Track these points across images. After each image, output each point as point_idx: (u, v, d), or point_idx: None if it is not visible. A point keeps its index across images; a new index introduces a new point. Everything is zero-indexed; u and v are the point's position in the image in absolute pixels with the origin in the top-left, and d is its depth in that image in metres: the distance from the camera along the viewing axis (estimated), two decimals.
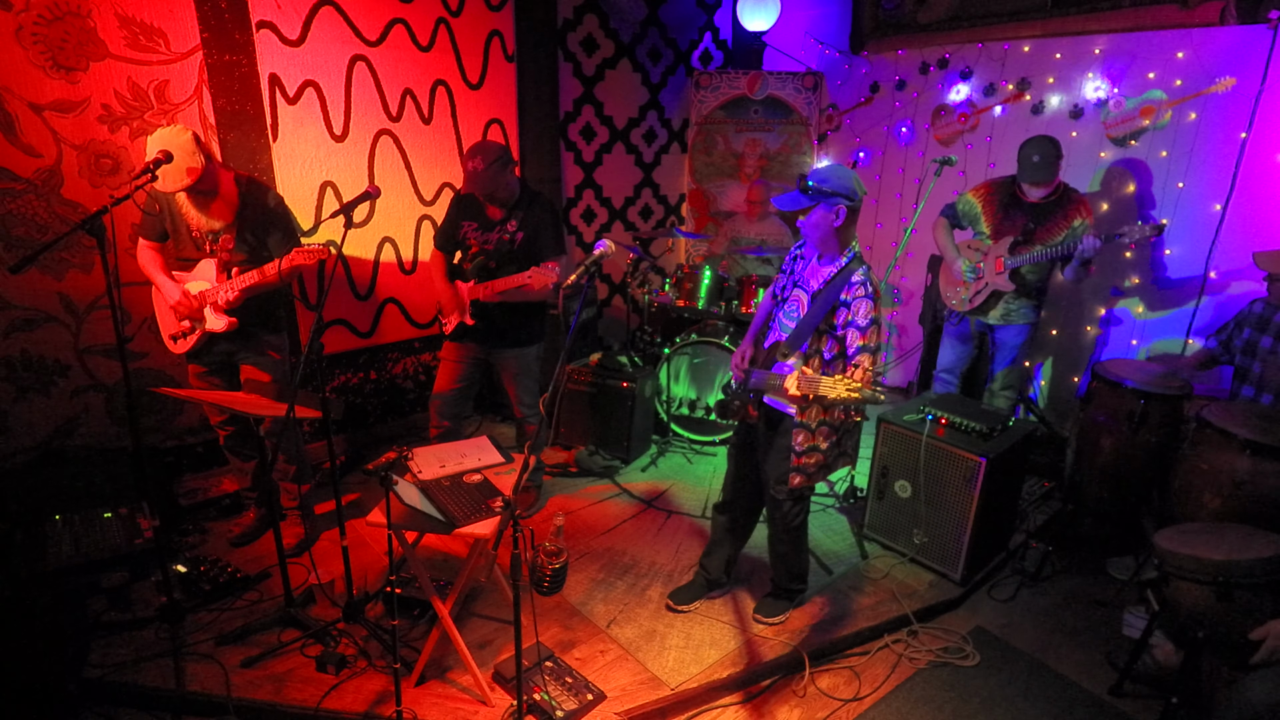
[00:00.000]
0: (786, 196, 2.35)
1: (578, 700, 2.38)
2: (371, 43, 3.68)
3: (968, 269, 3.53)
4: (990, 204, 3.48)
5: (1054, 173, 3.27)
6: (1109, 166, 3.84)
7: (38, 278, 3.01)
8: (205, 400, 2.60)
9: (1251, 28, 3.34)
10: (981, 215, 3.50)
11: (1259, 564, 2.09)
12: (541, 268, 2.85)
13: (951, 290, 3.64)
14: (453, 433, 3.34)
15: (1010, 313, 3.50)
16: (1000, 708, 2.49)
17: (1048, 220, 3.32)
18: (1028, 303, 3.49)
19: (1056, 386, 4.19)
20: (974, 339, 3.71)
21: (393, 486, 2.09)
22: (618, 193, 5.21)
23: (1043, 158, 3.25)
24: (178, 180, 2.54)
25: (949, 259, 3.62)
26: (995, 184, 3.50)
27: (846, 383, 2.04)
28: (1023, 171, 3.33)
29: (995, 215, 3.46)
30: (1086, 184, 3.90)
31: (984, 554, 3.14)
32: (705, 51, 5.32)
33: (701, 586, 2.91)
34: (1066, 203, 3.31)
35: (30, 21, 2.81)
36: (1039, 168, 3.26)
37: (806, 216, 2.33)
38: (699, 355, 4.18)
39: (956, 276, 3.58)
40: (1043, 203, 3.35)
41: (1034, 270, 3.40)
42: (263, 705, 2.35)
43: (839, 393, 2.04)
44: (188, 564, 2.90)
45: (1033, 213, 3.36)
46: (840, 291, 2.31)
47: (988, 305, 3.52)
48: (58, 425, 3.17)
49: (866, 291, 2.28)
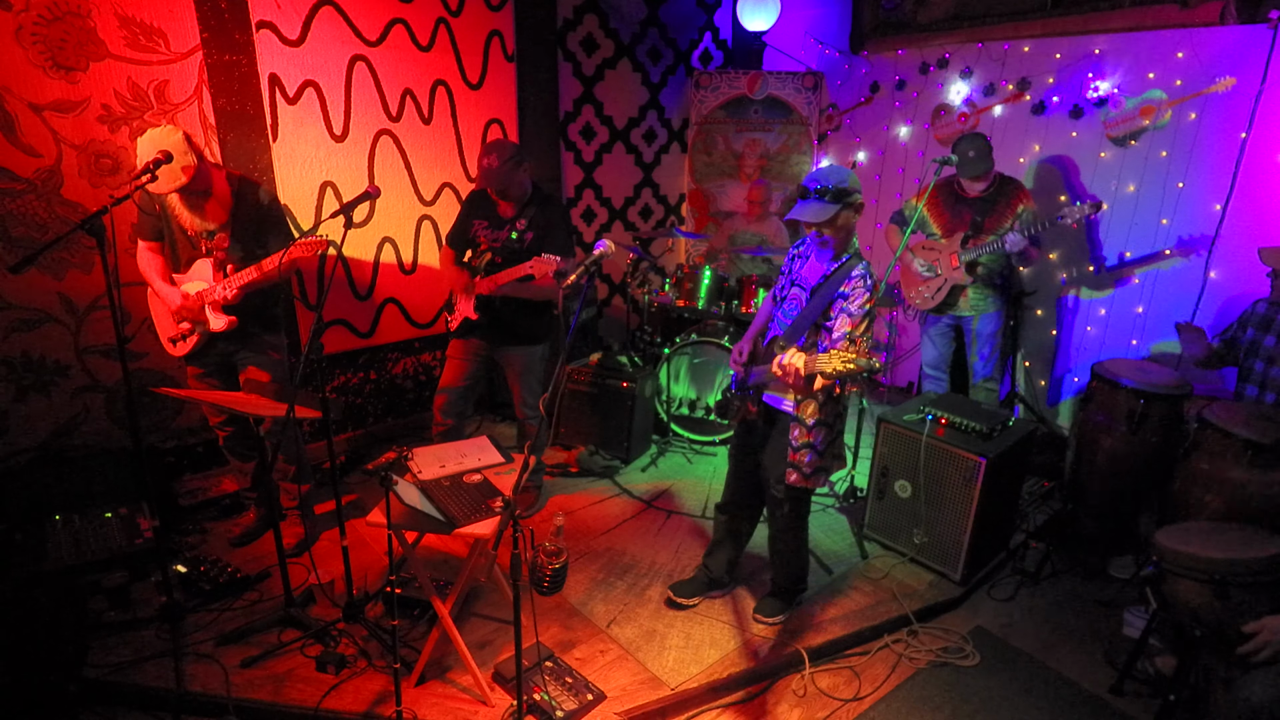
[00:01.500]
0: (812, 207, 2.29)
1: (578, 700, 2.38)
2: (371, 43, 3.68)
3: (925, 268, 3.72)
4: (935, 205, 3.69)
5: (990, 164, 3.48)
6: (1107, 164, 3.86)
7: (38, 278, 3.01)
8: (205, 400, 2.60)
9: (1251, 27, 3.34)
10: (929, 217, 3.71)
11: (1256, 563, 2.09)
12: (541, 257, 2.87)
13: (914, 291, 3.82)
14: (455, 431, 3.34)
15: (978, 304, 3.67)
16: (1000, 708, 2.49)
17: (992, 211, 3.53)
18: (991, 293, 3.67)
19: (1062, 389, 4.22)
20: (950, 331, 3.88)
21: (393, 486, 2.10)
22: (618, 193, 5.21)
23: (977, 152, 3.48)
24: (173, 180, 2.55)
25: (904, 260, 3.81)
26: (936, 186, 3.68)
27: (842, 355, 2.05)
28: (963, 168, 3.51)
29: (943, 214, 3.67)
30: (1088, 184, 3.90)
31: (984, 554, 3.14)
32: (705, 51, 5.32)
33: (703, 584, 2.92)
34: (1008, 192, 3.54)
35: (30, 21, 2.81)
36: (975, 161, 3.48)
37: (836, 221, 2.32)
38: (699, 355, 4.18)
39: (915, 276, 3.77)
40: (984, 195, 3.57)
41: (990, 261, 3.57)
42: (263, 705, 2.35)
43: (835, 365, 2.04)
44: (188, 564, 2.90)
45: (977, 206, 3.56)
46: (840, 285, 2.32)
47: (950, 301, 3.70)
48: (58, 425, 3.17)
49: (866, 284, 2.30)
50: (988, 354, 3.76)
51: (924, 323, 3.96)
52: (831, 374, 2.08)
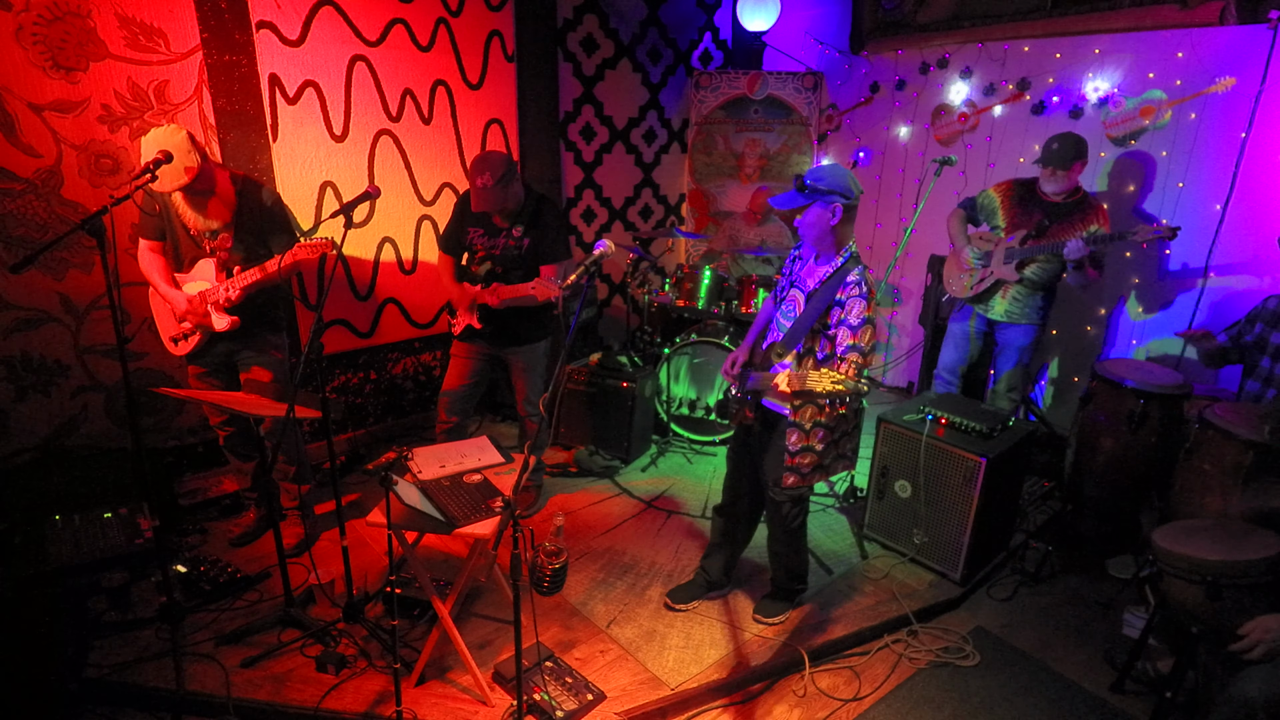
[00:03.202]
0: (784, 195, 2.36)
1: (578, 700, 2.38)
2: (371, 43, 3.68)
3: (975, 256, 3.57)
4: (1008, 199, 3.52)
5: (1069, 160, 3.28)
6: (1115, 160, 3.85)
7: (38, 278, 3.01)
8: (205, 400, 2.60)
9: (1251, 28, 3.34)
10: (999, 209, 3.53)
11: (1247, 565, 2.09)
12: (544, 281, 2.87)
13: (954, 277, 3.67)
14: (459, 429, 3.35)
15: (1014, 312, 3.50)
16: (1000, 708, 2.49)
17: (1064, 220, 3.33)
18: (1032, 302, 3.48)
19: (1062, 389, 4.20)
20: (977, 339, 3.71)
21: (393, 486, 2.10)
22: (618, 193, 5.21)
23: (1061, 145, 3.28)
24: (175, 180, 2.55)
25: (958, 245, 3.65)
26: (1016, 182, 3.54)
27: (831, 375, 2.05)
28: (1043, 155, 3.35)
29: (1013, 209, 3.49)
30: (1090, 183, 3.90)
31: (984, 554, 3.14)
32: (705, 51, 5.32)
33: (701, 587, 2.91)
34: (1086, 207, 3.33)
35: (30, 21, 2.81)
36: (1056, 154, 3.28)
37: (803, 215, 2.34)
38: (699, 355, 4.18)
39: (964, 264, 3.61)
40: (1062, 202, 3.36)
41: (1040, 268, 3.41)
42: (263, 705, 2.35)
43: (824, 385, 2.04)
44: (188, 564, 2.90)
45: (1050, 210, 3.37)
46: (836, 291, 2.31)
47: (988, 294, 3.55)
48: (58, 425, 3.17)
49: (861, 291, 2.27)
50: (1012, 366, 3.60)
51: (953, 313, 3.79)
52: (822, 393, 2.07)
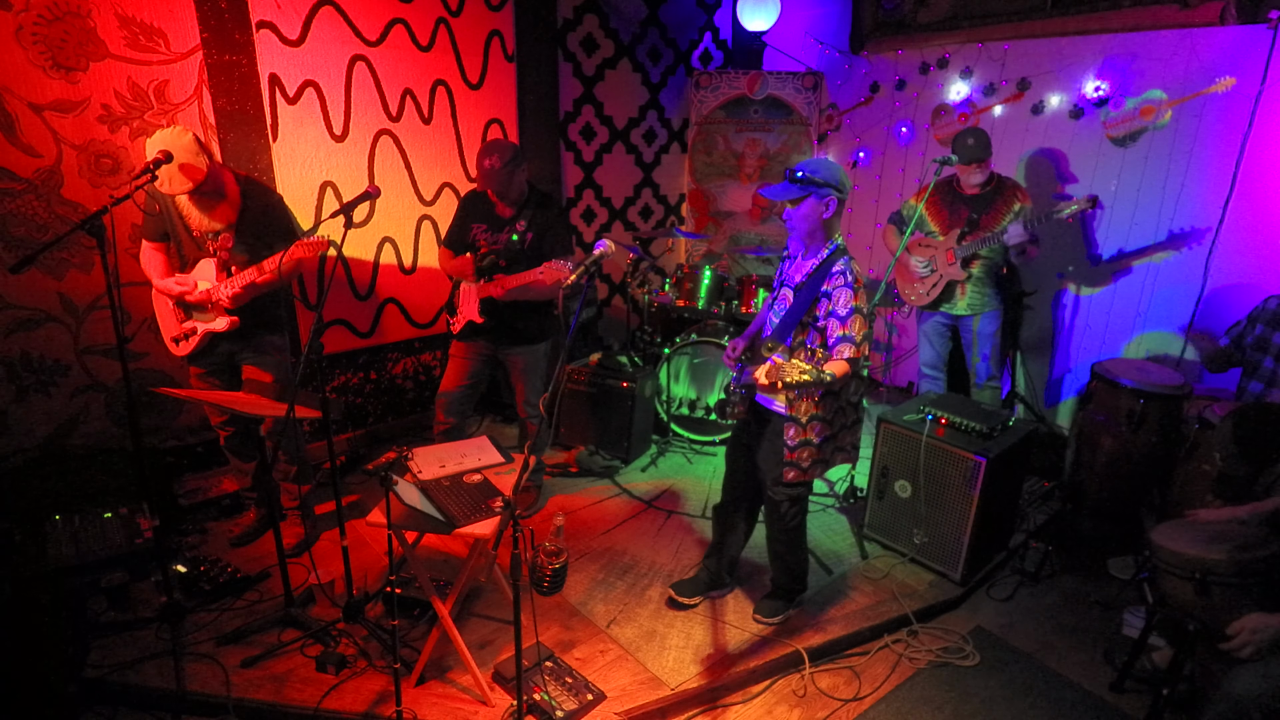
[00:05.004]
0: (777, 186, 2.36)
1: (578, 700, 2.38)
2: (371, 43, 3.68)
3: (922, 265, 3.75)
4: (934, 204, 3.72)
5: (987, 153, 3.50)
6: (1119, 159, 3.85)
7: (38, 278, 3.01)
8: (205, 400, 2.60)
9: (1251, 28, 3.34)
10: (927, 216, 3.74)
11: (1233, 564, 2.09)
12: (552, 263, 2.88)
13: (909, 287, 3.86)
14: (458, 430, 3.35)
15: (976, 304, 3.69)
16: (1000, 708, 2.49)
17: (990, 208, 3.56)
18: (989, 291, 3.68)
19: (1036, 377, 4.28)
20: (947, 331, 3.90)
21: (393, 486, 2.09)
22: (618, 193, 5.21)
23: (976, 140, 3.51)
24: (183, 183, 2.55)
25: (903, 259, 3.83)
26: (934, 185, 3.71)
27: (799, 366, 2.03)
28: (961, 153, 3.53)
29: (941, 212, 3.71)
30: (1090, 183, 3.90)
31: (984, 554, 3.14)
32: (705, 51, 5.32)
33: (704, 583, 2.92)
34: (1005, 190, 3.58)
35: (30, 21, 2.81)
36: (974, 148, 3.50)
37: (797, 207, 2.34)
38: (699, 355, 4.18)
39: (914, 274, 3.81)
40: (982, 192, 3.59)
41: (985, 260, 3.61)
42: (263, 705, 2.35)
43: (793, 377, 2.03)
44: (188, 564, 2.90)
45: (974, 203, 3.60)
46: (822, 282, 2.32)
47: (945, 297, 3.74)
48: (58, 425, 3.17)
49: (846, 281, 2.28)
50: (989, 353, 3.77)
51: (920, 320, 3.98)
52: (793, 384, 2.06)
